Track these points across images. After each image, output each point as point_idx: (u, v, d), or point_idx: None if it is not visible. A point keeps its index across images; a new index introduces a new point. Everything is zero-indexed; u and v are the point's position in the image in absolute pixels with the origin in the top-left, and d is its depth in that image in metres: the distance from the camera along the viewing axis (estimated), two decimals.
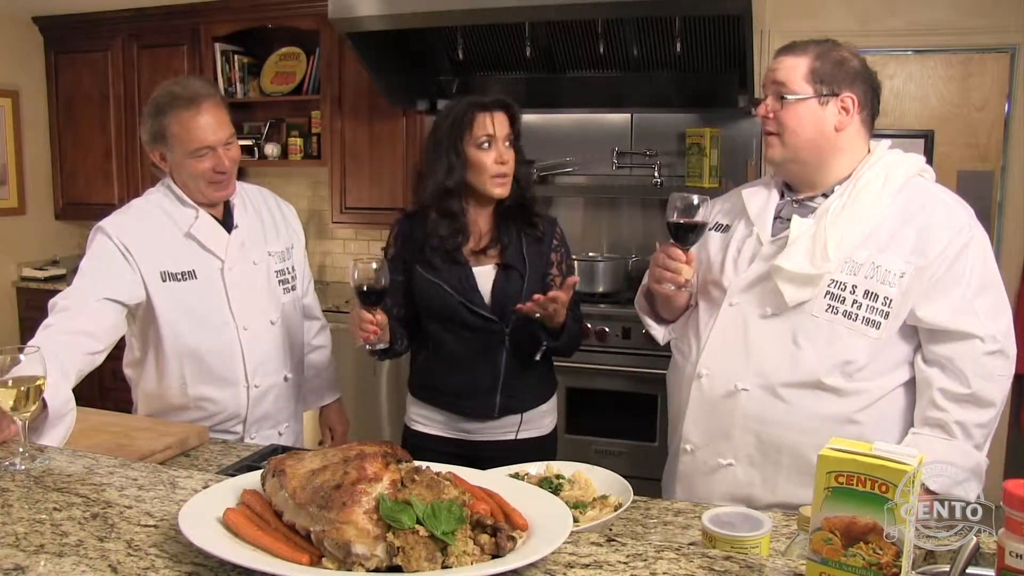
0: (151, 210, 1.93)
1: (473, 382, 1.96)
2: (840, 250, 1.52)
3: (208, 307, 1.93)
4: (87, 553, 1.03)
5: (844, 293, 1.51)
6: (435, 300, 1.92)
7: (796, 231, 1.56)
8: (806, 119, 1.55)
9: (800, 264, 1.53)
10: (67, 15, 4.41)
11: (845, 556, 0.91)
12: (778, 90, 1.56)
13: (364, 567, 0.94)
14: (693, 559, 1.01)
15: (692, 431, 1.65)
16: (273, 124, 4.34)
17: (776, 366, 1.55)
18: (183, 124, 1.83)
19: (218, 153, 1.86)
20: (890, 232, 1.52)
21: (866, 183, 1.55)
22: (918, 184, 1.59)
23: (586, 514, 1.35)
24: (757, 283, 1.59)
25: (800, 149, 1.57)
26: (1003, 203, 3.40)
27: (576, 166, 3.85)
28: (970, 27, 3.31)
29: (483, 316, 1.91)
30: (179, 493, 1.24)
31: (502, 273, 1.93)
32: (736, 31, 3.05)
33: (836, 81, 1.55)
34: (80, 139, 4.56)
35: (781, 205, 1.65)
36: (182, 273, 1.90)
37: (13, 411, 1.39)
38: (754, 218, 1.65)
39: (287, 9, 4.00)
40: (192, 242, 1.92)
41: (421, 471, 1.02)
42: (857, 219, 1.52)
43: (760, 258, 1.61)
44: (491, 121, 1.86)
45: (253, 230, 2.03)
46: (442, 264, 1.91)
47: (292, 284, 2.10)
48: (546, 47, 3.51)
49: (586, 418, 3.32)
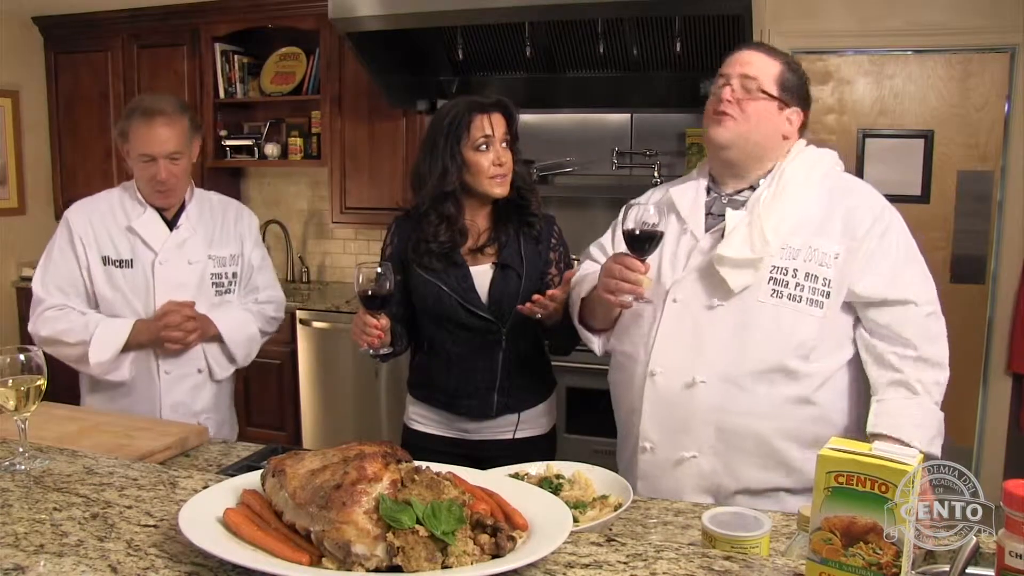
0: (111, 200, 2.21)
1: (470, 381, 1.95)
2: (777, 236, 1.58)
3: (135, 295, 2.14)
4: (87, 553, 1.03)
5: (787, 277, 1.58)
6: (432, 300, 1.92)
7: (732, 222, 1.62)
8: (766, 117, 1.63)
9: (740, 250, 1.58)
10: (67, 15, 4.40)
11: (845, 556, 0.91)
12: (747, 82, 1.62)
13: (364, 567, 0.94)
14: (693, 559, 1.01)
15: (650, 429, 1.66)
16: (273, 124, 4.34)
17: (731, 355, 1.58)
18: (136, 131, 2.09)
19: (159, 164, 2.09)
20: (820, 218, 1.61)
21: (791, 175, 1.63)
22: (837, 175, 1.69)
23: (586, 514, 1.35)
24: (698, 277, 1.63)
25: (749, 140, 1.63)
26: (1003, 203, 3.40)
27: (576, 166, 3.85)
28: (970, 27, 3.30)
29: (480, 316, 1.91)
30: (179, 493, 1.24)
31: (499, 273, 1.93)
32: (736, 31, 3.05)
33: (795, 95, 1.65)
34: (80, 139, 4.56)
35: (710, 201, 1.71)
36: (120, 260, 2.15)
37: (13, 411, 1.39)
38: (686, 216, 1.70)
39: (287, 9, 4.00)
40: (133, 234, 2.15)
41: (421, 471, 1.02)
42: (788, 207, 1.60)
43: (697, 252, 1.65)
44: (488, 122, 1.85)
45: (198, 233, 2.21)
46: (439, 264, 1.91)
47: (228, 288, 2.27)
48: (546, 47, 3.51)
49: (586, 418, 3.32)
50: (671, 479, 1.64)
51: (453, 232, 1.90)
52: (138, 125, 2.08)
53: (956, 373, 1.62)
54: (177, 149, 2.10)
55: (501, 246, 1.94)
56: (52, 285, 2.13)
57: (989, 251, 3.44)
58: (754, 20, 3.03)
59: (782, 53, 1.70)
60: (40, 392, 1.42)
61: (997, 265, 3.42)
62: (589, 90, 3.74)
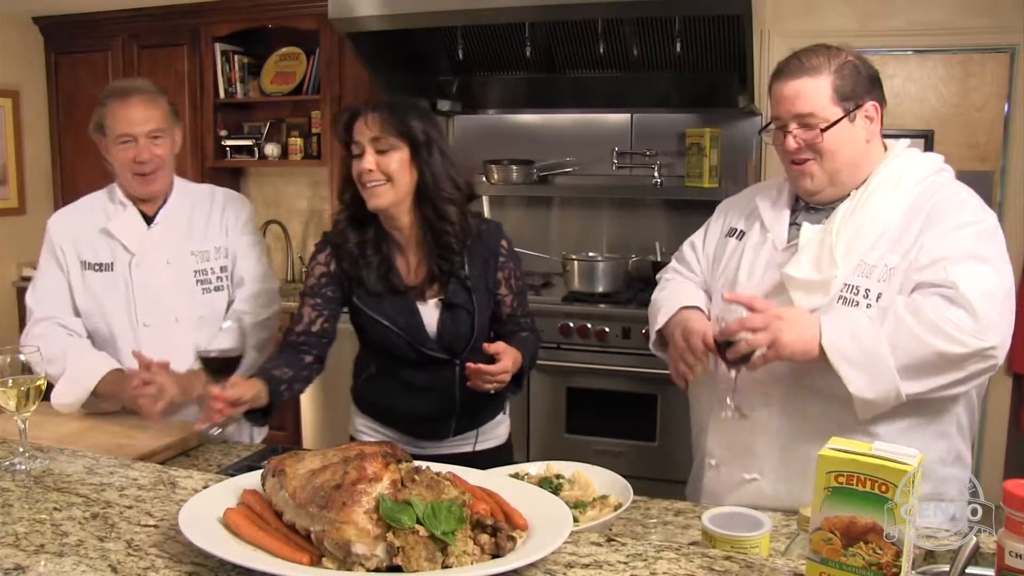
0: (92, 203, 2.09)
1: (427, 408, 1.83)
2: (851, 255, 1.47)
3: (114, 299, 2.01)
4: (87, 553, 1.03)
5: (857, 297, 1.46)
6: (380, 339, 1.79)
7: (805, 238, 1.53)
8: (843, 141, 1.49)
9: (807, 271, 1.49)
10: (67, 15, 4.40)
11: (845, 556, 0.91)
12: (805, 120, 1.49)
13: (364, 567, 0.94)
14: (693, 559, 1.01)
15: (715, 447, 1.62)
16: (273, 124, 4.34)
17: (798, 376, 1.49)
18: (112, 112, 1.96)
19: (139, 144, 1.95)
20: (900, 229, 1.47)
21: (878, 184, 1.51)
22: (935, 182, 1.54)
23: (586, 514, 1.35)
24: (774, 292, 1.54)
25: (839, 172, 1.52)
26: (1003, 203, 3.40)
27: (576, 166, 3.84)
28: (970, 27, 3.30)
29: (432, 356, 1.78)
30: (179, 493, 1.24)
31: (447, 312, 1.77)
32: (736, 31, 3.05)
33: (857, 93, 1.50)
34: (80, 139, 4.54)
35: (797, 210, 1.61)
36: (99, 264, 2.02)
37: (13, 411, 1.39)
38: (769, 224, 1.61)
39: (287, 9, 3.99)
40: (110, 236, 2.02)
41: (421, 471, 1.02)
42: (867, 221, 1.49)
43: (774, 265, 1.57)
44: (356, 127, 1.69)
45: (175, 228, 2.05)
46: (383, 291, 1.76)
47: (217, 285, 2.06)
48: (546, 47, 3.51)
49: (586, 418, 3.32)
50: (734, 498, 1.57)
51: (380, 255, 1.76)
52: (114, 106, 1.95)
53: None
54: (159, 127, 1.97)
55: (444, 282, 1.77)
56: (40, 296, 2.05)
57: None
58: (754, 20, 3.03)
59: (819, 56, 1.51)
60: (40, 392, 1.42)
61: None
62: (589, 90, 3.74)
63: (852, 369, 1.38)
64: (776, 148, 1.57)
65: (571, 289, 3.48)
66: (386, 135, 1.67)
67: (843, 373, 1.38)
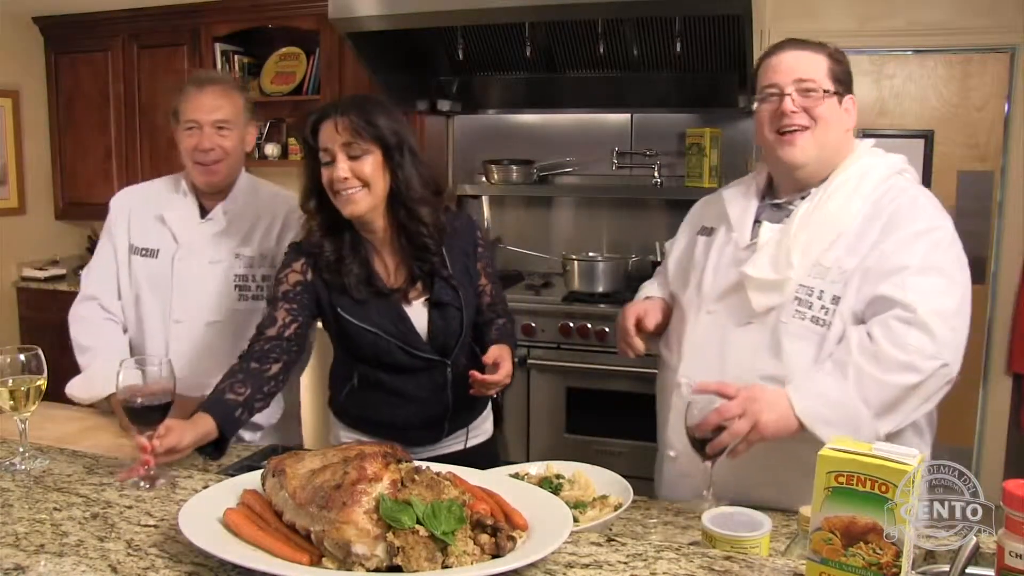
0: (156, 187, 2.08)
1: (419, 415, 1.78)
2: (808, 256, 1.49)
3: (153, 289, 1.99)
4: (87, 553, 1.03)
5: (811, 299, 1.48)
6: (368, 347, 1.71)
7: (764, 236, 1.55)
8: (835, 115, 1.52)
9: (764, 271, 1.51)
10: (67, 15, 4.40)
11: (845, 556, 0.91)
12: (804, 85, 1.51)
13: (364, 567, 0.94)
14: (693, 559, 1.01)
15: (674, 438, 1.64)
16: (273, 124, 4.34)
17: (751, 376, 1.51)
18: (186, 99, 1.94)
19: (204, 131, 1.91)
20: (858, 233, 1.49)
21: (839, 184, 1.53)
22: (896, 184, 1.55)
23: (586, 514, 1.35)
24: (735, 291, 1.56)
25: (826, 146, 1.53)
26: (1003, 203, 3.40)
27: (576, 166, 3.85)
28: (970, 27, 3.30)
29: (425, 358, 1.73)
30: (179, 493, 1.24)
31: (435, 312, 1.73)
32: (736, 31, 3.05)
33: (846, 81, 1.55)
34: (80, 139, 4.56)
35: (761, 208, 1.63)
36: (146, 249, 2.00)
37: (13, 411, 1.39)
38: (734, 222, 1.63)
39: (287, 9, 3.99)
40: (163, 224, 2.00)
41: (421, 471, 1.02)
42: (825, 223, 1.50)
43: (736, 263, 1.58)
44: (323, 133, 1.62)
45: (228, 226, 2.00)
46: (367, 296, 1.70)
47: (256, 294, 1.99)
48: (546, 47, 3.51)
49: (586, 418, 3.32)
50: (690, 489, 1.59)
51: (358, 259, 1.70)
52: (189, 93, 1.94)
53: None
54: (226, 118, 1.92)
55: (427, 282, 1.73)
56: (89, 270, 2.06)
57: (989, 251, 3.43)
58: (754, 20, 3.03)
59: (818, 43, 1.57)
60: (40, 392, 1.42)
61: (997, 265, 3.42)
62: (589, 90, 3.74)
63: (834, 430, 1.37)
64: (764, 119, 1.55)
65: (571, 289, 3.48)
66: (357, 140, 1.60)
67: (826, 436, 1.37)
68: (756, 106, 1.57)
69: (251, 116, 2.03)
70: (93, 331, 1.99)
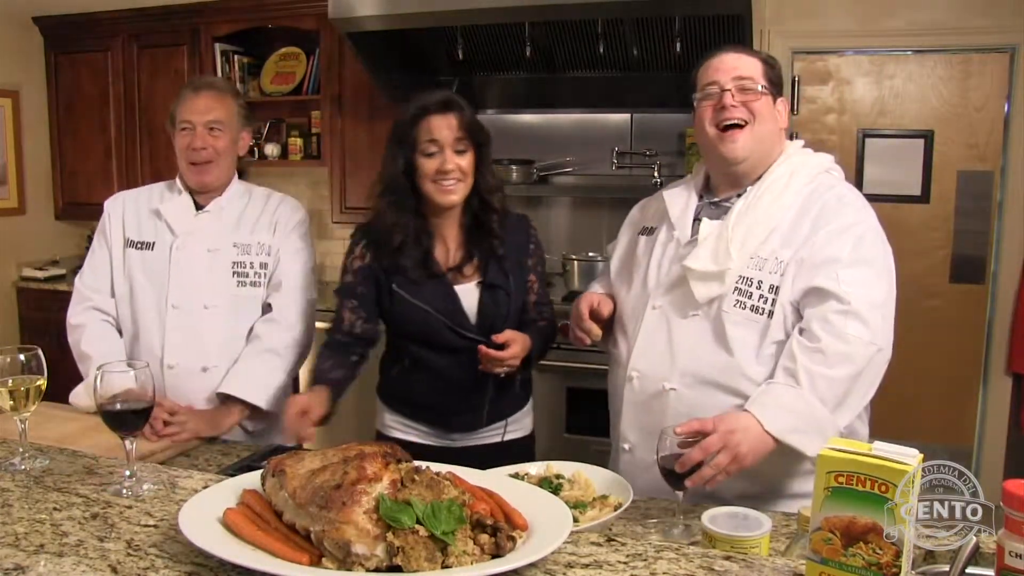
0: (150, 189, 2.14)
1: (461, 400, 1.88)
2: (745, 248, 1.58)
3: (148, 278, 2.03)
4: (87, 553, 1.03)
5: (751, 288, 1.57)
6: (419, 324, 1.84)
7: (704, 232, 1.63)
8: (770, 112, 1.63)
9: (705, 263, 1.59)
10: (67, 15, 4.41)
11: (845, 556, 0.91)
12: (743, 83, 1.61)
13: (364, 567, 0.94)
14: (693, 559, 1.01)
15: (628, 431, 1.69)
16: (273, 124, 4.34)
17: (698, 365, 1.59)
18: (182, 102, 2.02)
19: (197, 131, 1.98)
20: (790, 227, 1.59)
21: (772, 181, 1.62)
22: (824, 181, 1.65)
23: (586, 514, 1.35)
24: (678, 285, 1.64)
25: (763, 140, 1.62)
26: (1003, 203, 3.40)
27: (576, 166, 3.85)
28: (970, 27, 3.30)
29: (472, 338, 1.81)
30: (179, 493, 1.24)
31: (487, 293, 1.85)
32: (736, 31, 3.05)
33: (778, 85, 1.66)
34: (80, 139, 4.56)
35: (700, 206, 1.71)
36: (141, 243, 2.05)
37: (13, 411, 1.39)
38: (675, 220, 1.70)
39: (287, 9, 3.99)
40: (158, 217, 2.05)
41: (421, 471, 1.02)
42: (759, 219, 1.59)
43: (678, 259, 1.65)
44: (436, 125, 1.77)
45: (223, 218, 2.06)
46: (421, 278, 1.83)
47: (254, 280, 2.05)
48: (546, 47, 3.51)
49: (586, 418, 3.33)
50: (646, 480, 1.61)
51: (420, 245, 1.83)
52: (185, 97, 2.02)
53: (956, 373, 1.60)
54: (219, 119, 2.00)
55: (482, 264, 1.86)
56: (86, 275, 2.09)
57: (989, 251, 3.43)
58: (754, 20, 3.03)
59: (755, 50, 1.73)
60: (40, 392, 1.42)
61: (997, 265, 3.42)
62: (589, 90, 3.74)
63: (803, 437, 1.46)
64: (705, 115, 1.64)
65: (571, 289, 3.48)
66: (465, 136, 1.78)
67: (798, 445, 1.46)
68: (696, 103, 1.66)
69: (245, 122, 2.09)
70: (92, 338, 2.01)
